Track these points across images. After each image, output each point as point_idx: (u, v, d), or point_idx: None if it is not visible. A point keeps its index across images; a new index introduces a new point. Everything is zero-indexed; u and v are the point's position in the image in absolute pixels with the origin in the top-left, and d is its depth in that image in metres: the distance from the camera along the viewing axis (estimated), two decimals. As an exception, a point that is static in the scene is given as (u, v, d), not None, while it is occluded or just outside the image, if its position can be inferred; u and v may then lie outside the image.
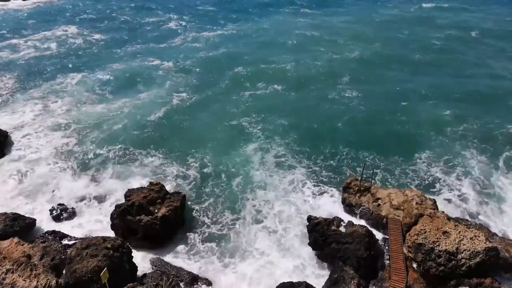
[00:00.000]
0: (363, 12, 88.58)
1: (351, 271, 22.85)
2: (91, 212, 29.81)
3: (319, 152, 36.43)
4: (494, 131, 39.48)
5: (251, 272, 24.86)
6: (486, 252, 22.50)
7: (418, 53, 61.31)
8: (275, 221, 28.86)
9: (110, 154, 36.28)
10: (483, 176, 33.35)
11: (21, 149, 37.09)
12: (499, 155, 36.05)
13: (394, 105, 44.76)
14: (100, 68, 55.52)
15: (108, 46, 65.82)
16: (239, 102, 46.28)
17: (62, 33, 71.84)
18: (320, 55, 60.62)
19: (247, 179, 33.13)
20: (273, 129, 40.35)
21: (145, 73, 54.57)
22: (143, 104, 45.67)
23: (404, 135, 39.05)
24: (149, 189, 28.62)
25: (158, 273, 23.88)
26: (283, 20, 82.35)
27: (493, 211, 29.71)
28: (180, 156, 35.98)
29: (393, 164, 34.84)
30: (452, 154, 36.11)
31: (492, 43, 66.08)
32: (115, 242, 23.25)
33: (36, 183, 32.56)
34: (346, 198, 30.03)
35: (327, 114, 43.21)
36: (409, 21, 79.92)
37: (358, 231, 24.90)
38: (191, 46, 65.66)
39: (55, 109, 44.26)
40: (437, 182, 32.82)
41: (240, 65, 56.18)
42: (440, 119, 41.98)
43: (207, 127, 40.86)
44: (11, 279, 19.57)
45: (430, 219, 24.87)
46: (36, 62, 57.76)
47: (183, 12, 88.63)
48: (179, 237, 27.57)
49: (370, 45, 64.93)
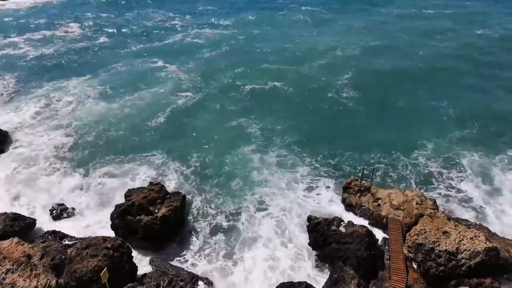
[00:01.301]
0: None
1: (351, 271, 22.84)
2: (91, 212, 29.78)
3: (319, 152, 36.40)
4: (494, 131, 39.51)
5: (251, 272, 24.84)
6: (486, 252, 22.51)
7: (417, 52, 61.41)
8: (275, 221, 28.81)
9: (111, 153, 36.23)
10: (483, 176, 33.37)
11: (21, 148, 37.07)
12: (500, 155, 36.08)
13: (394, 105, 44.78)
14: (101, 68, 55.50)
15: (110, 45, 65.77)
16: (239, 101, 46.32)
17: (63, 34, 71.80)
18: (322, 54, 60.56)
19: (246, 179, 33.11)
20: (273, 129, 40.35)
21: (145, 73, 54.55)
22: (145, 103, 45.70)
23: (404, 135, 39.02)
24: (149, 189, 28.60)
25: (158, 273, 23.86)
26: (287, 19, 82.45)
27: (493, 211, 29.70)
28: (180, 156, 35.93)
29: (393, 164, 34.85)
30: (452, 154, 36.12)
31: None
32: (115, 242, 23.23)
33: (36, 183, 32.52)
34: (346, 198, 30.06)
35: (327, 114, 43.21)
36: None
37: (358, 231, 24.90)
38: (192, 44, 65.68)
39: (56, 108, 44.29)
40: (437, 182, 32.83)
41: (241, 64, 56.32)
42: (440, 119, 42.03)
43: (207, 127, 40.86)
44: (11, 279, 19.57)
45: (430, 219, 24.87)
46: (38, 62, 57.77)
47: (185, 11, 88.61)
48: (179, 237, 27.54)
49: (370, 43, 65.01)
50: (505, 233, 27.24)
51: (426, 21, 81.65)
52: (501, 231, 27.39)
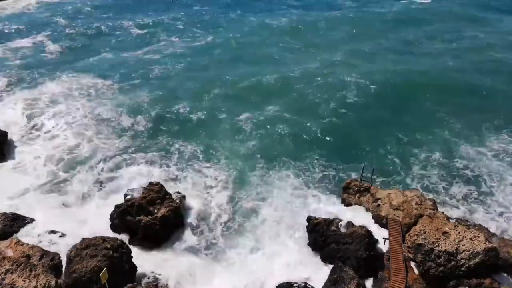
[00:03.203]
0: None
1: (351, 271, 22.84)
2: (91, 212, 29.69)
3: (319, 153, 36.37)
4: (495, 131, 39.51)
5: (251, 272, 24.86)
6: (485, 253, 22.49)
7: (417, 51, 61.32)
8: (275, 221, 28.81)
9: (109, 154, 36.15)
10: (483, 176, 33.35)
11: (21, 148, 37.02)
12: (500, 155, 36.06)
13: (393, 105, 44.77)
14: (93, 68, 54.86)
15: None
16: (235, 98, 46.33)
17: (65, 33, 71.11)
18: (318, 53, 60.48)
19: (246, 179, 33.11)
20: (273, 129, 40.26)
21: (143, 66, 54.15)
22: (143, 103, 45.60)
23: (404, 135, 39.01)
24: (148, 189, 28.61)
25: (158, 273, 23.88)
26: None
27: (493, 211, 29.74)
28: (180, 156, 35.97)
29: (393, 164, 34.86)
30: (452, 154, 36.12)
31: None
32: (114, 242, 23.24)
33: (36, 182, 32.48)
34: (346, 198, 30.06)
35: (327, 114, 43.20)
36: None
37: (358, 232, 24.94)
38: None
39: (57, 108, 44.16)
40: (437, 182, 32.84)
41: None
42: (440, 119, 41.96)
43: (207, 127, 40.84)
44: (11, 279, 19.53)
45: (429, 220, 24.88)
46: (35, 62, 57.62)
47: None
48: (179, 237, 27.54)
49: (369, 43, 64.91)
50: (505, 234, 27.30)
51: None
52: (500, 232, 27.43)
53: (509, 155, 35.89)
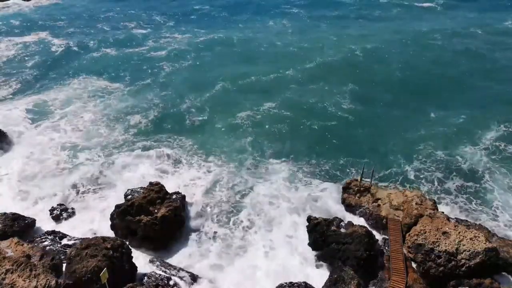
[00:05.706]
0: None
1: (351, 271, 22.83)
2: (91, 212, 29.70)
3: (318, 152, 36.37)
4: (494, 131, 39.45)
5: (251, 271, 24.87)
6: (485, 253, 22.49)
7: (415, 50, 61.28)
8: (275, 221, 28.81)
9: (107, 155, 36.19)
10: (483, 176, 33.30)
11: (21, 147, 37.09)
12: (500, 155, 36.02)
13: (393, 106, 44.73)
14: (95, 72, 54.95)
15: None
16: (235, 98, 46.46)
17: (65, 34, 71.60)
18: (318, 53, 60.42)
19: (246, 179, 33.12)
20: (272, 129, 40.27)
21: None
22: (144, 100, 45.78)
23: (404, 135, 38.99)
24: (148, 189, 28.60)
25: (158, 273, 23.89)
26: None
27: (492, 212, 29.71)
28: (180, 156, 35.96)
29: (393, 164, 34.79)
30: (451, 154, 36.08)
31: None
32: (114, 242, 23.24)
33: (36, 182, 32.54)
34: (346, 198, 30.05)
35: (327, 113, 43.16)
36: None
37: (358, 232, 24.91)
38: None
39: (57, 107, 44.38)
40: (437, 182, 32.79)
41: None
42: (440, 119, 41.95)
43: (207, 127, 40.86)
44: (11, 279, 19.56)
45: (430, 220, 24.87)
46: (40, 59, 57.80)
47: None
48: (179, 237, 27.53)
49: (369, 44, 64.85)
50: (505, 234, 27.27)
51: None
52: (500, 232, 27.39)
53: (509, 154, 35.88)
